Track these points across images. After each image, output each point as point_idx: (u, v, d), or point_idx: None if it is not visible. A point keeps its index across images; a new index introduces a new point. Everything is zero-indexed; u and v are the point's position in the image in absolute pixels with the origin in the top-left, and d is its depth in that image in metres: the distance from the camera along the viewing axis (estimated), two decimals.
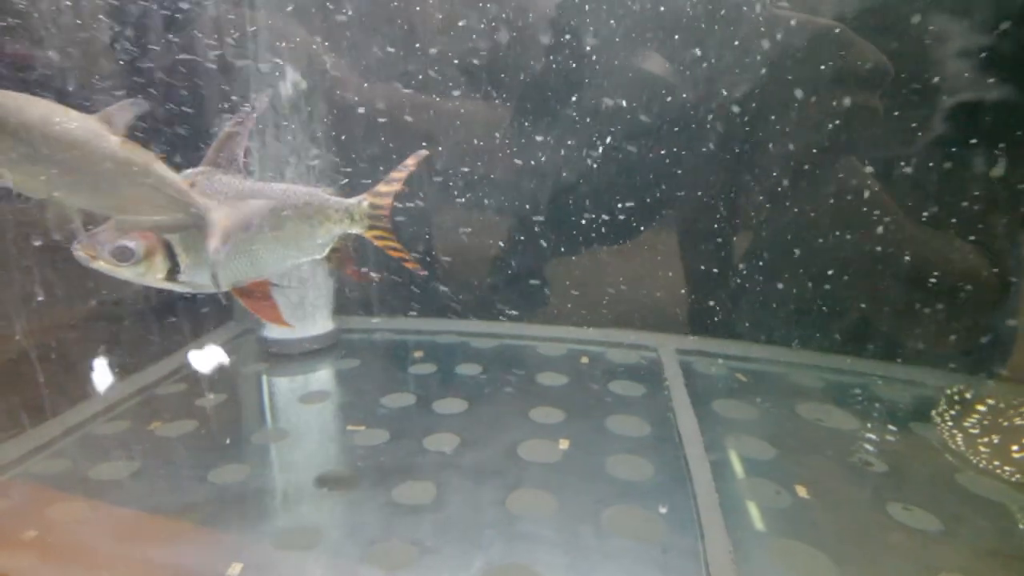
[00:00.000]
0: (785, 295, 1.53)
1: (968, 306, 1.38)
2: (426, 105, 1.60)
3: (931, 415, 1.21)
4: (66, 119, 0.70)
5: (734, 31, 1.41)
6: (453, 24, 1.56)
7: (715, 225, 1.59)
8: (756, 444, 1.19)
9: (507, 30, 1.54)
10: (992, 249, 1.37)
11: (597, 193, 1.61)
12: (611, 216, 1.61)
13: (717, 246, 1.62)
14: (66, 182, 0.73)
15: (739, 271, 1.60)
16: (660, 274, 1.66)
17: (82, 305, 1.41)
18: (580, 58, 1.54)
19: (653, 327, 1.70)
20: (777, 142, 1.46)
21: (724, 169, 1.53)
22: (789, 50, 1.37)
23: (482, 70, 1.57)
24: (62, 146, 0.70)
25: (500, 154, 1.64)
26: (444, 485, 1.07)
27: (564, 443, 1.20)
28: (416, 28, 1.58)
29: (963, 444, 1.09)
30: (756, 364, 1.54)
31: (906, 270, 1.40)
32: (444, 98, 1.59)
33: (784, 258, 1.52)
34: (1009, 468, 1.02)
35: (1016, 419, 1.09)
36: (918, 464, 1.11)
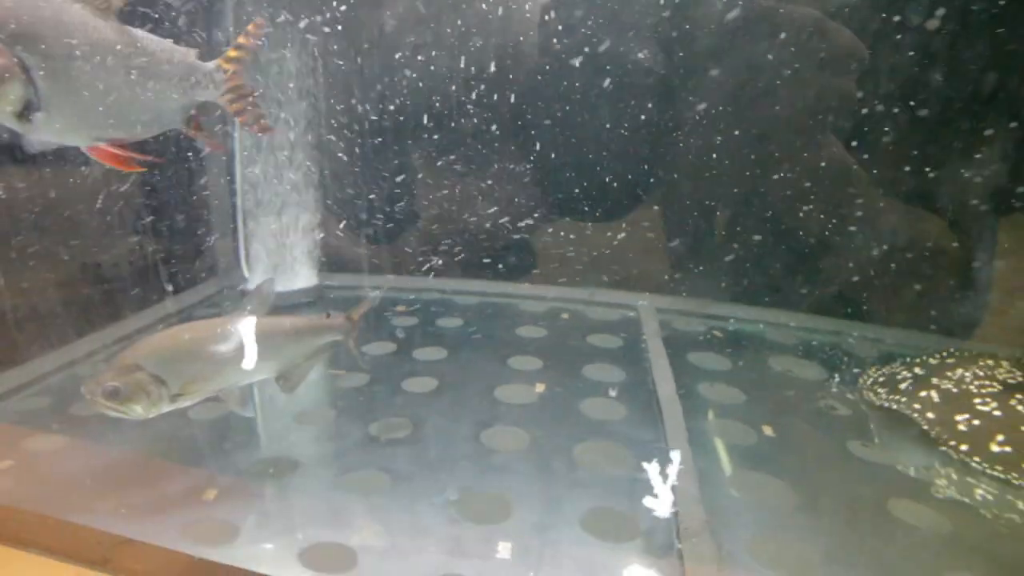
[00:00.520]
0: (765, 261, 1.57)
1: (939, 275, 1.44)
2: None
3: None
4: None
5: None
6: None
7: (699, 199, 1.65)
8: (728, 391, 1.22)
9: None
10: (962, 225, 1.42)
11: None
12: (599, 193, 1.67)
13: (701, 216, 1.67)
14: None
15: (722, 237, 1.65)
16: (643, 240, 1.70)
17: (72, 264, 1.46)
18: (561, 38, 1.56)
19: (636, 288, 1.73)
20: (760, 118, 1.49)
21: (708, 146, 1.56)
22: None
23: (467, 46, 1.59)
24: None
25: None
26: (421, 422, 1.09)
27: (540, 387, 1.22)
28: None
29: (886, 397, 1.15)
30: (734, 324, 1.57)
31: (881, 241, 1.44)
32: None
33: (766, 226, 1.56)
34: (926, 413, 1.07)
35: (934, 378, 1.14)
36: (882, 413, 1.14)
